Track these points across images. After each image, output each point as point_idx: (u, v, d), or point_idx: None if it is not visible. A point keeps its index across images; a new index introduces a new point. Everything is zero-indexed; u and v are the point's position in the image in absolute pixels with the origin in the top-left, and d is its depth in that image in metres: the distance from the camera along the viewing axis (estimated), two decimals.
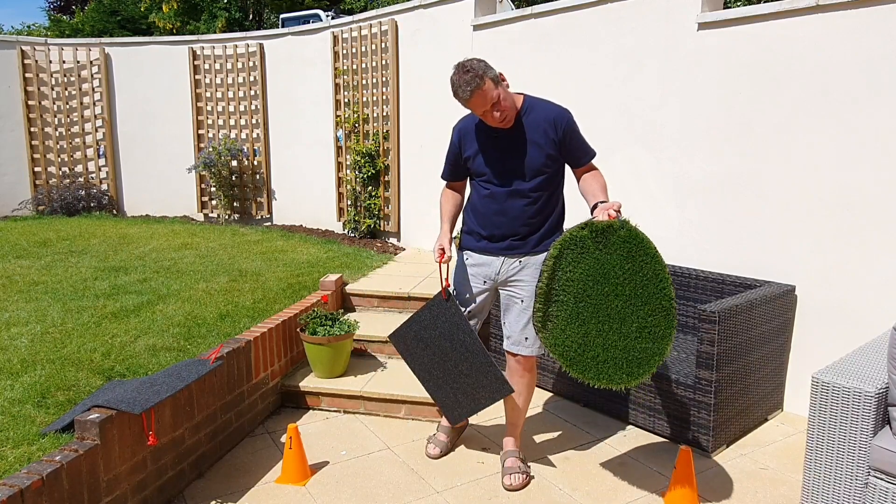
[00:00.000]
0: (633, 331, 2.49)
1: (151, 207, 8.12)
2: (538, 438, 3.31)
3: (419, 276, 4.86)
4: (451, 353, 2.80)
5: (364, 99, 6.49)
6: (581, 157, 2.76)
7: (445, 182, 2.98)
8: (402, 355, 2.96)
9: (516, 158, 2.69)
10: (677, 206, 4.03)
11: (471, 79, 2.51)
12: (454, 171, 2.91)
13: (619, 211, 2.48)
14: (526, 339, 2.80)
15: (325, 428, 3.46)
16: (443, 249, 2.79)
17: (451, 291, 2.88)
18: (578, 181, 2.80)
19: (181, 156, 7.94)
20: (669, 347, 2.49)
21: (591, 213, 2.58)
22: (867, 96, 3.22)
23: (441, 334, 2.81)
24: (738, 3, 9.83)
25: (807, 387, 3.52)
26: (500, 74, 2.62)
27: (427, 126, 5.84)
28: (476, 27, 5.23)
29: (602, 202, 2.59)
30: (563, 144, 2.71)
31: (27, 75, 7.73)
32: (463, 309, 2.88)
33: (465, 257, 2.89)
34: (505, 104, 2.59)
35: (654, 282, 2.48)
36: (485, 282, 2.85)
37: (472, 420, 3.51)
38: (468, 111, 2.83)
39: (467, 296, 2.88)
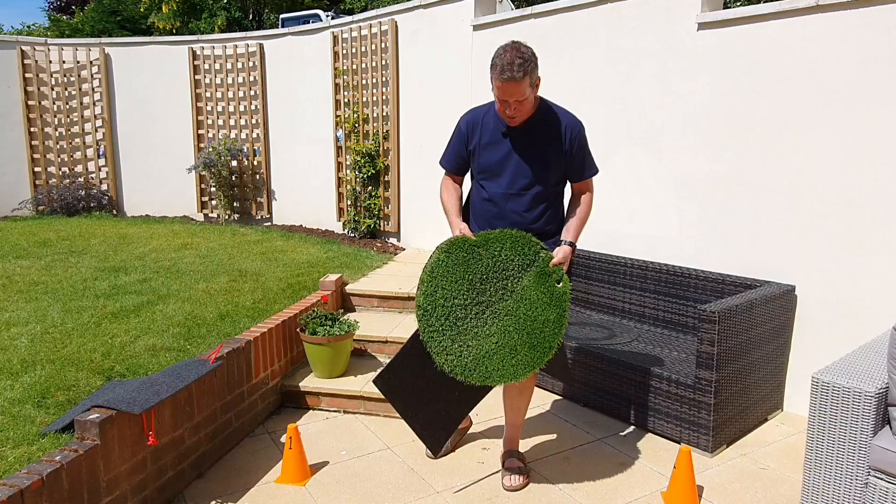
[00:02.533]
0: (527, 323, 2.58)
1: (151, 207, 8.12)
2: (538, 438, 3.31)
3: (419, 276, 4.85)
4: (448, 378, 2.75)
5: (364, 99, 6.49)
6: (581, 172, 2.75)
7: (444, 172, 2.90)
8: (391, 399, 2.84)
9: (521, 159, 2.68)
10: (677, 206, 4.03)
11: (519, 66, 2.47)
12: (456, 161, 2.84)
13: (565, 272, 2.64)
14: None
15: (325, 428, 3.46)
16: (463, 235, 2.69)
17: None
18: (570, 198, 2.81)
19: (181, 156, 7.94)
20: (566, 315, 2.59)
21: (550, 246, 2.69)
22: (867, 96, 3.22)
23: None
24: (738, 3, 9.83)
25: (807, 387, 3.52)
26: (539, 80, 2.62)
27: (427, 126, 5.84)
28: (476, 27, 5.23)
29: (568, 243, 2.70)
30: (569, 153, 2.69)
31: (27, 75, 7.73)
32: None
33: None
34: (524, 107, 2.59)
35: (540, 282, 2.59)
36: None
37: (473, 421, 3.51)
38: (466, 112, 2.85)
39: None
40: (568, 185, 2.83)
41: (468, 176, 2.92)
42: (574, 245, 2.71)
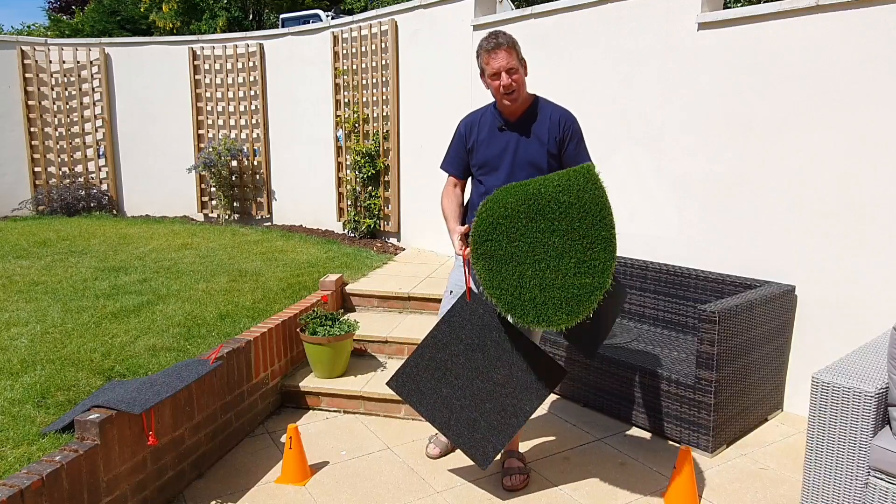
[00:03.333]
0: (571, 266, 2.40)
1: (151, 207, 8.12)
2: (538, 438, 3.31)
3: (419, 276, 4.86)
4: (482, 364, 2.61)
5: (364, 99, 6.49)
6: (575, 160, 2.76)
7: (446, 175, 2.93)
8: (409, 401, 2.69)
9: (519, 152, 2.72)
10: (677, 206, 4.03)
11: (501, 35, 2.65)
12: (456, 162, 2.89)
13: None
14: None
15: (325, 428, 3.46)
16: (463, 238, 2.69)
17: (476, 290, 2.71)
18: None
19: (181, 156, 7.94)
20: (609, 280, 2.41)
21: None
22: (867, 96, 3.21)
23: (468, 346, 2.63)
24: (739, 3, 9.83)
25: (807, 387, 3.52)
26: (525, 61, 2.75)
27: (427, 126, 5.84)
28: (476, 27, 5.23)
29: None
30: (564, 144, 2.73)
31: (27, 75, 7.73)
32: None
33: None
34: (518, 77, 2.66)
35: (593, 212, 2.39)
36: None
37: None
38: (464, 117, 2.87)
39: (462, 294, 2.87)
40: None
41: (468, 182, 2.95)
42: None
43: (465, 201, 2.95)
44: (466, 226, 2.68)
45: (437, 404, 2.66)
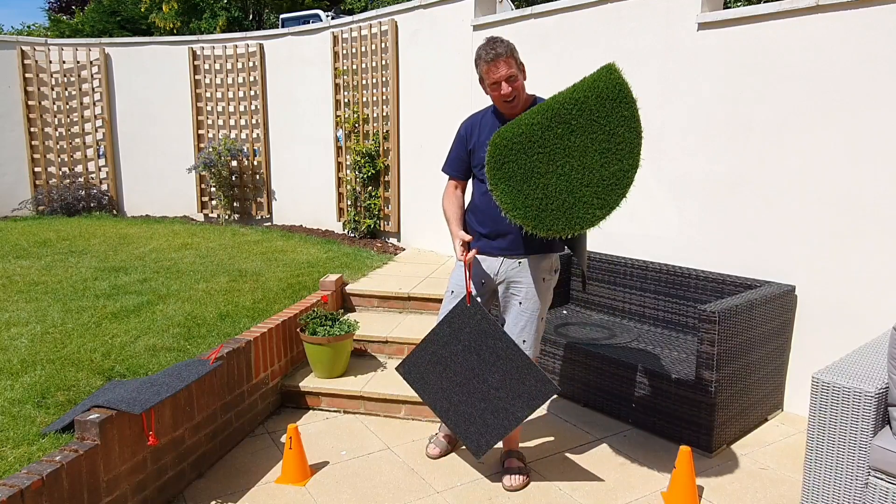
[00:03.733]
0: (597, 159, 2.37)
1: (151, 207, 8.11)
2: (538, 439, 3.31)
3: (419, 277, 4.86)
4: (477, 367, 2.64)
5: (364, 99, 6.49)
6: None
7: (447, 178, 2.96)
8: (414, 388, 2.80)
9: None
10: (677, 207, 4.03)
11: (500, 43, 2.64)
12: (457, 165, 2.91)
13: None
14: (524, 341, 2.80)
15: (325, 428, 3.46)
16: (464, 244, 2.73)
17: (475, 296, 2.76)
18: None
19: (181, 156, 7.94)
20: (640, 157, 2.39)
21: None
22: (867, 96, 3.21)
23: (465, 348, 2.66)
24: (739, 3, 9.83)
25: (807, 387, 3.52)
26: (524, 66, 2.74)
27: (427, 126, 5.84)
28: (476, 27, 5.23)
29: None
30: None
31: (27, 75, 7.73)
32: None
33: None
34: (518, 84, 2.67)
35: (611, 95, 2.35)
36: (483, 282, 2.85)
37: None
38: (464, 119, 2.88)
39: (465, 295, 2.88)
40: None
41: (469, 183, 2.95)
42: None
43: (467, 204, 2.96)
44: (470, 237, 2.74)
45: (438, 395, 2.73)
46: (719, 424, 3.12)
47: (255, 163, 7.64)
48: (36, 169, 7.89)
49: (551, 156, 2.39)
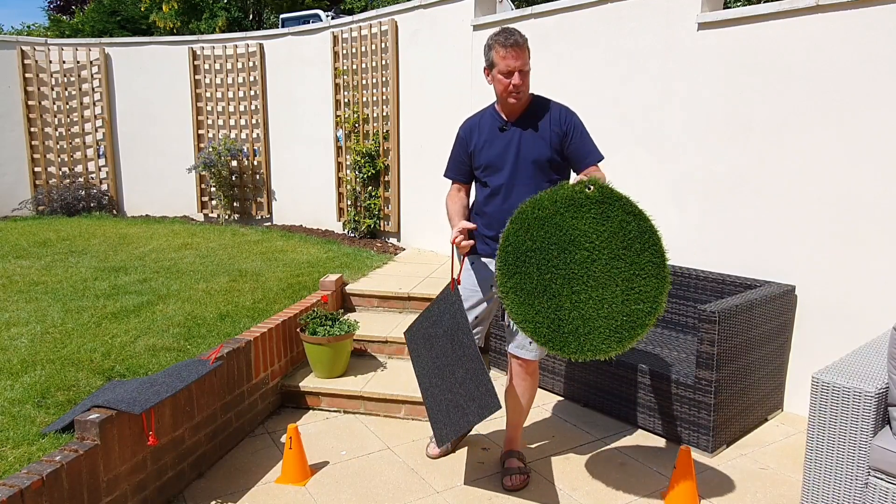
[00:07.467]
0: (619, 294, 2.31)
1: (151, 207, 8.11)
2: (538, 439, 3.32)
3: (419, 276, 4.86)
4: (450, 354, 2.65)
5: (364, 99, 6.49)
6: (585, 156, 2.75)
7: (450, 183, 2.96)
8: (411, 355, 2.88)
9: (521, 150, 2.72)
10: (677, 207, 4.03)
11: (519, 34, 2.64)
12: (459, 168, 2.90)
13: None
14: (529, 342, 2.79)
15: (325, 428, 3.46)
16: (462, 231, 2.70)
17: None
18: None
19: (181, 156, 7.94)
20: (663, 304, 2.33)
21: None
22: (867, 96, 3.21)
23: (444, 332, 2.71)
24: (738, 3, 9.83)
25: (807, 387, 3.52)
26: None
27: (427, 126, 5.84)
28: (476, 27, 5.23)
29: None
30: (566, 138, 2.73)
31: (27, 75, 7.73)
32: (470, 315, 2.86)
33: (471, 262, 2.89)
34: (527, 82, 2.67)
35: (639, 240, 2.33)
36: (491, 286, 2.85)
37: None
38: (462, 123, 2.88)
39: (474, 301, 2.88)
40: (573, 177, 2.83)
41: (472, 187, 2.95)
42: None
43: (470, 203, 2.96)
44: (473, 225, 2.76)
45: (424, 372, 2.76)
46: (719, 424, 3.12)
47: (255, 163, 7.64)
48: (36, 169, 7.89)
49: (566, 279, 2.34)
